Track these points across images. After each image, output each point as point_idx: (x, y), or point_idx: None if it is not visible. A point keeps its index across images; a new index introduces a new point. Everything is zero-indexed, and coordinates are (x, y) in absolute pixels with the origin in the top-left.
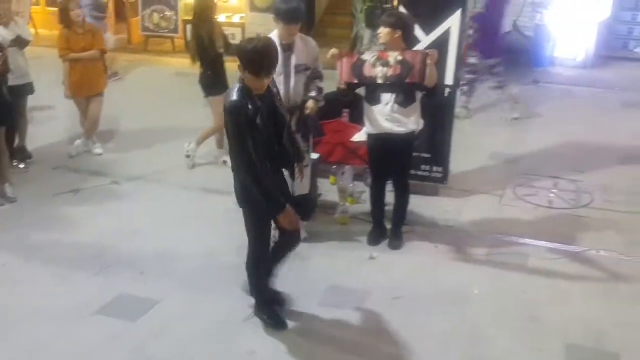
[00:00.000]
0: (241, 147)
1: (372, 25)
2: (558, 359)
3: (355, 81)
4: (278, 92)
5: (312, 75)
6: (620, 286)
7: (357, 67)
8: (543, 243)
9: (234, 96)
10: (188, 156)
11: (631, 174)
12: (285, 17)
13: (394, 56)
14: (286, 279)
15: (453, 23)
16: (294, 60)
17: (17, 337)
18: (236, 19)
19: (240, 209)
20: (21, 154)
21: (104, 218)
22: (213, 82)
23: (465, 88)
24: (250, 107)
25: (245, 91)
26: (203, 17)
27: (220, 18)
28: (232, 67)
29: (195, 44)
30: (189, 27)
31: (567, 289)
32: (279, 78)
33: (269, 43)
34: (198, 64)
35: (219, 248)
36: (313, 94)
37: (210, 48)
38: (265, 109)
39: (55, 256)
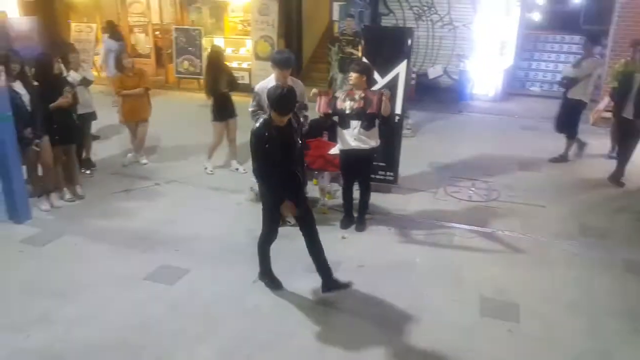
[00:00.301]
0: (255, 158)
1: (343, 70)
2: (474, 306)
3: (330, 111)
4: (300, 127)
5: (299, 107)
6: (519, 256)
7: (332, 102)
8: (465, 226)
9: (257, 124)
10: (205, 168)
11: (526, 177)
12: (279, 64)
13: (358, 94)
14: (280, 253)
15: (400, 70)
16: None
17: (87, 296)
18: (245, 64)
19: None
20: (87, 164)
21: (149, 210)
22: (216, 111)
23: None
24: (266, 134)
25: (267, 122)
26: (212, 65)
27: (233, 64)
28: (237, 100)
29: (205, 84)
30: None
31: (482, 258)
32: None
33: (291, 91)
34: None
35: (232, 232)
36: (302, 117)
37: (215, 87)
38: (280, 138)
39: (114, 238)
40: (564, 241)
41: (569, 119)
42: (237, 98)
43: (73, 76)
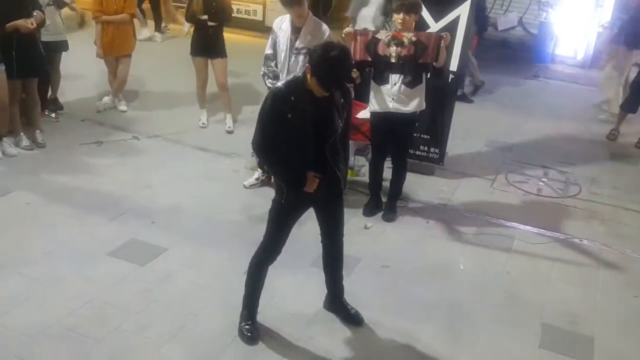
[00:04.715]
0: (261, 127)
1: (384, 12)
2: (533, 336)
3: (369, 59)
4: (347, 101)
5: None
6: (599, 274)
7: (371, 46)
8: (529, 228)
9: (281, 84)
10: (199, 119)
11: (618, 170)
12: (283, 2)
13: (408, 37)
14: None
15: (462, 11)
16: (296, 43)
17: (36, 270)
18: None
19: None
20: (53, 105)
21: (122, 169)
22: (192, 43)
23: None
24: (292, 98)
25: (297, 82)
26: None
27: None
28: (248, 40)
29: (185, 10)
30: None
31: (548, 272)
32: (281, 55)
33: (346, 55)
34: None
35: (224, 205)
36: None
37: (187, 13)
38: (312, 109)
39: (76, 200)
40: None
41: None
42: (246, 38)
43: None
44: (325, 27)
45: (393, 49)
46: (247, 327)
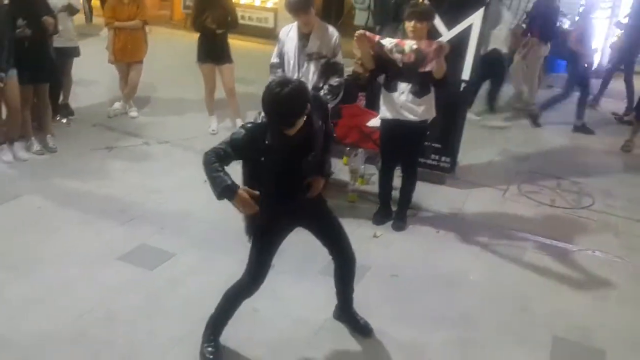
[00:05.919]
0: (225, 146)
1: (396, 19)
2: (543, 349)
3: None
4: (326, 125)
5: (329, 69)
6: (610, 287)
7: (377, 48)
8: (541, 239)
9: (254, 123)
10: (209, 126)
11: (631, 181)
12: (289, 9)
13: (409, 45)
14: (293, 246)
15: (475, 20)
16: (307, 49)
17: (43, 274)
18: (270, 4)
19: None
20: (64, 110)
21: (133, 174)
22: (199, 49)
23: None
24: (266, 142)
25: (262, 129)
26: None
27: (256, 1)
28: (257, 47)
29: (192, 16)
30: None
31: (559, 284)
32: (289, 63)
33: (296, 90)
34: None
35: (233, 211)
36: (325, 88)
37: (199, 21)
38: (287, 151)
39: (86, 205)
40: None
41: None
42: (257, 45)
43: (54, 1)
44: (332, 29)
45: (396, 57)
46: (209, 349)
